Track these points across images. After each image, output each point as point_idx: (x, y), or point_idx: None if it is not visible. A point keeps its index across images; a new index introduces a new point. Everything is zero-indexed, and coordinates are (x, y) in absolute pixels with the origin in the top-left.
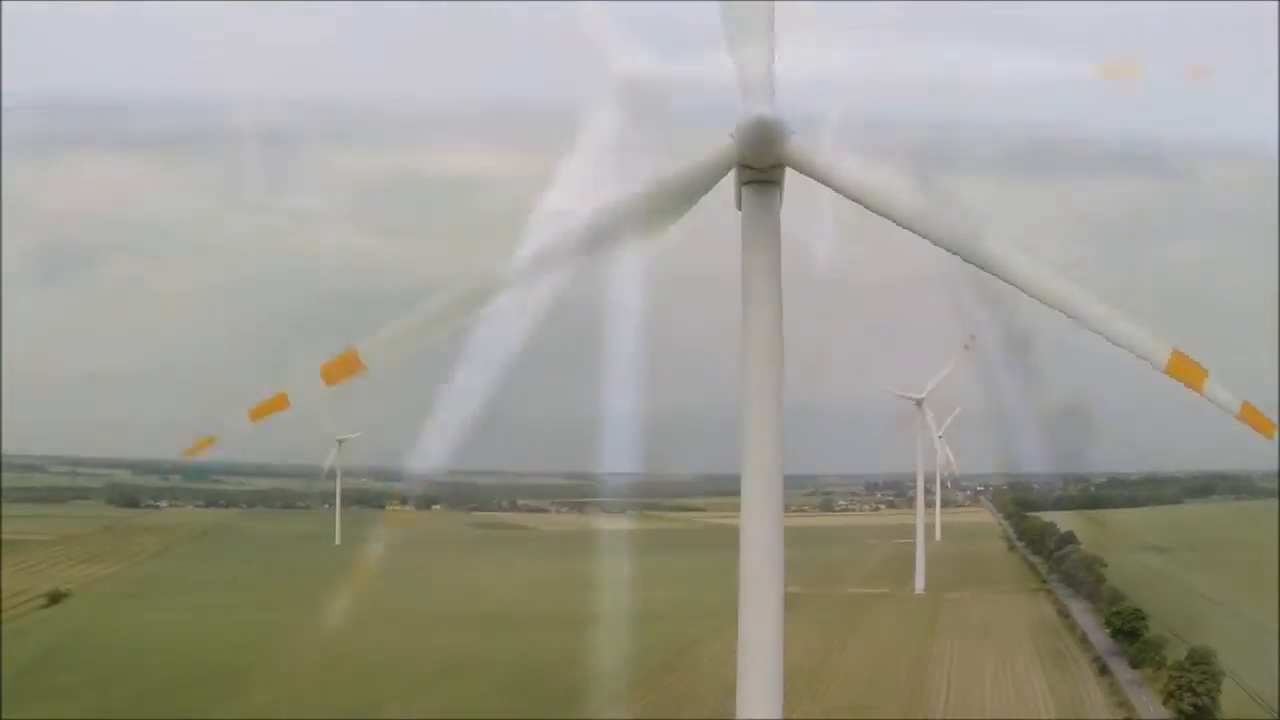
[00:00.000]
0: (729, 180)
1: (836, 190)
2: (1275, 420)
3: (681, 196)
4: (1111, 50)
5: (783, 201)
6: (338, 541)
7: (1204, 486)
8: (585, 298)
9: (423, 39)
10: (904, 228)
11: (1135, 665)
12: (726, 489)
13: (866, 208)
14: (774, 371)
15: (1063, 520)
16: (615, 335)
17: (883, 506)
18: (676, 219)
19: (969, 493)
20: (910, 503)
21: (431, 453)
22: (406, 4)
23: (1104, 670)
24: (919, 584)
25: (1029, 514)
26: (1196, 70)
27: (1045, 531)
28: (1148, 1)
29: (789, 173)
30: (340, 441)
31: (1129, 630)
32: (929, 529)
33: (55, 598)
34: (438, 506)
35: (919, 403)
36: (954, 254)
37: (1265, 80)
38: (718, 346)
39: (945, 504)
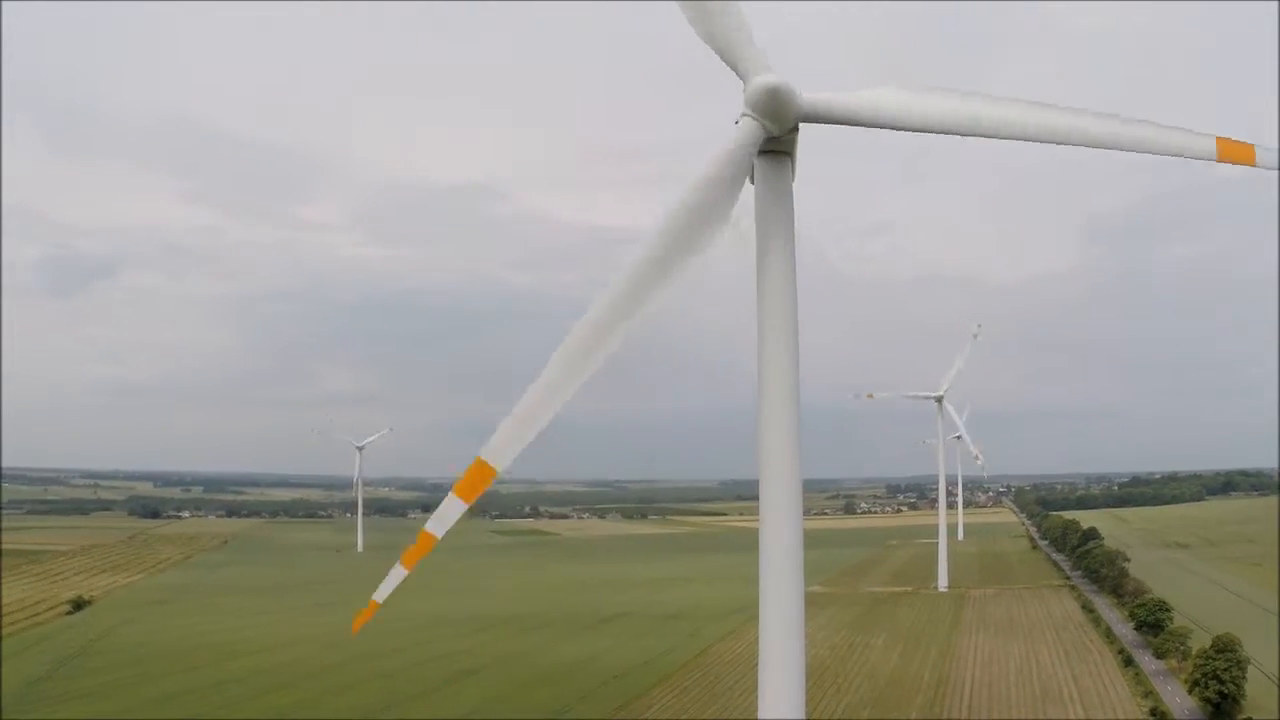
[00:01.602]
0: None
1: (867, 125)
2: None
3: (723, 194)
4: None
5: (795, 173)
6: (360, 549)
7: (1225, 484)
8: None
9: (424, 48)
10: (943, 133)
11: (1160, 656)
12: (750, 494)
13: (903, 129)
14: (789, 341)
15: (1086, 519)
16: (638, 341)
17: (904, 509)
18: (726, 217)
19: (991, 493)
20: (931, 505)
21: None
22: (411, 10)
23: (1129, 662)
24: (942, 582)
25: (1052, 513)
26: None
27: (1067, 529)
28: (1149, 2)
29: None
30: (360, 449)
31: (1153, 622)
32: (951, 529)
33: (79, 604)
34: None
35: (939, 400)
36: (992, 135)
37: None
38: (738, 350)
39: (967, 505)
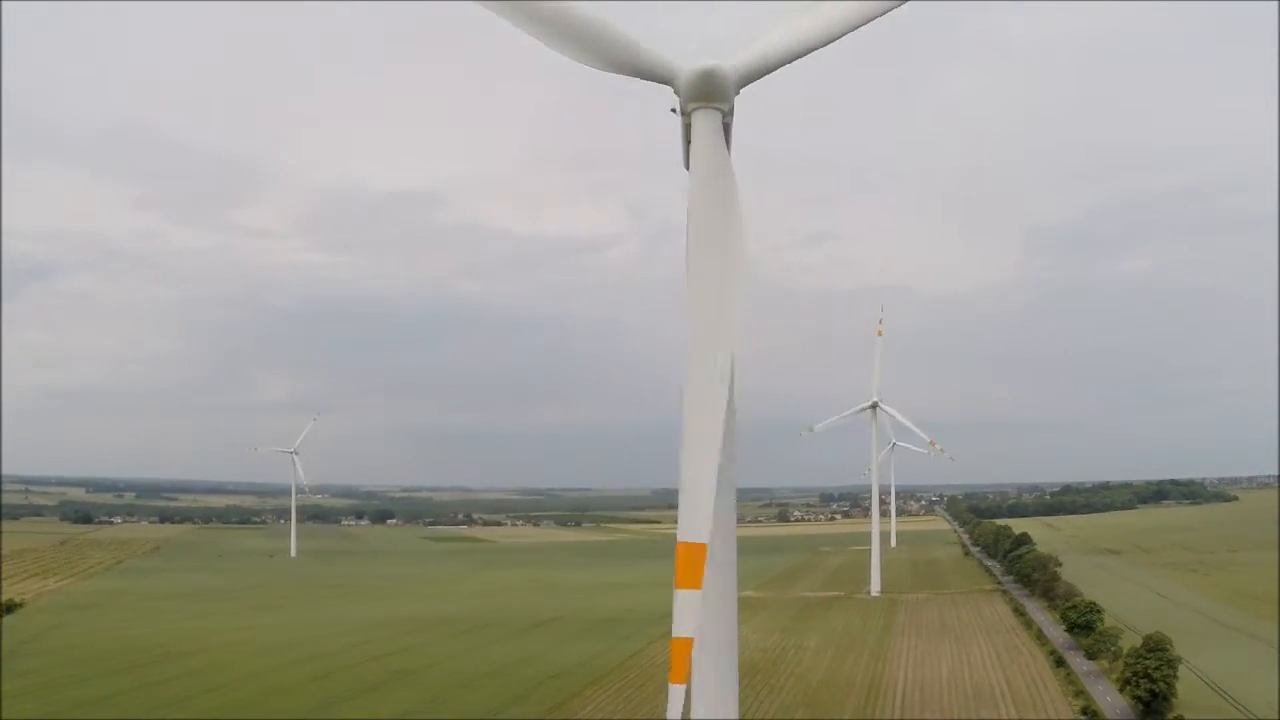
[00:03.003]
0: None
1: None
2: None
3: (610, 56)
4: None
5: (730, 144)
6: (293, 555)
7: (1157, 492)
8: (540, 315)
9: (367, 53)
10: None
11: (1091, 656)
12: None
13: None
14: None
15: (1018, 526)
16: (573, 351)
17: (838, 517)
18: (585, 64)
19: (923, 502)
20: (864, 513)
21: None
22: (352, 12)
23: (1060, 663)
24: (874, 587)
25: (984, 520)
26: None
27: (999, 535)
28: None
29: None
30: (295, 454)
31: (1084, 624)
32: (884, 536)
33: (8, 608)
34: (393, 521)
35: (874, 407)
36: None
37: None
38: (672, 359)
39: (900, 513)
